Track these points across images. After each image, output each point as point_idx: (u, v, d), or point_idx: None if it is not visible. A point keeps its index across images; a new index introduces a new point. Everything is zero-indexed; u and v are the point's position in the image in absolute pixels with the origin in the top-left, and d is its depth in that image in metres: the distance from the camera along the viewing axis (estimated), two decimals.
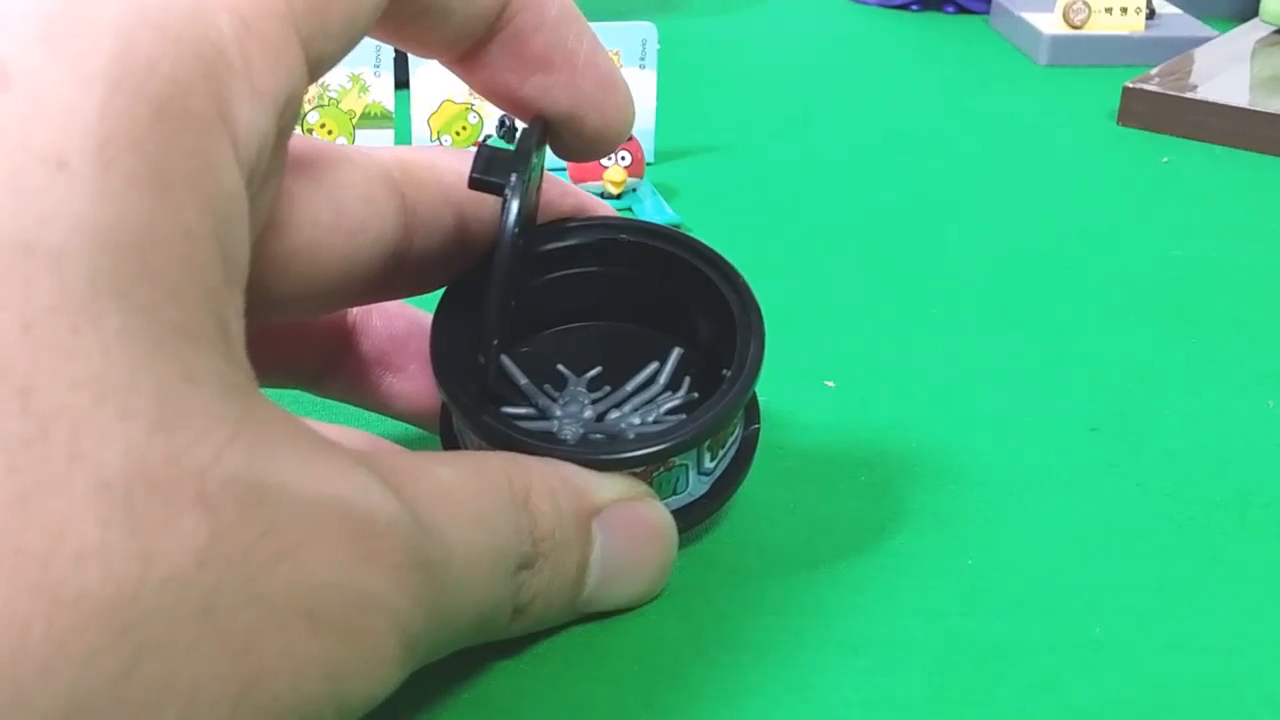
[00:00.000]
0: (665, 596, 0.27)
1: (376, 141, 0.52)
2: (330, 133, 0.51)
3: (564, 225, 0.28)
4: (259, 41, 0.19)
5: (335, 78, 0.51)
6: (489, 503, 0.22)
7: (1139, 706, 0.24)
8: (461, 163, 0.26)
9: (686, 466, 0.26)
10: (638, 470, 0.25)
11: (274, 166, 0.21)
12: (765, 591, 0.27)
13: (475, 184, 0.25)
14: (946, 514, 0.30)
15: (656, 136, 0.53)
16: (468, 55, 0.25)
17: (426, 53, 0.25)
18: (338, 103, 0.51)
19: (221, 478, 0.17)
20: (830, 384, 0.35)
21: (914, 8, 0.79)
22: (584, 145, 0.27)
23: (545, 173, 0.28)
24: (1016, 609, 0.27)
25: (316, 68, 0.21)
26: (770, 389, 0.35)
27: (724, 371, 0.26)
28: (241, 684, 0.17)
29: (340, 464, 0.19)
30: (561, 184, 0.29)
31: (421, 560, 0.20)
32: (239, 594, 0.17)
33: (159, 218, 0.17)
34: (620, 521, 0.25)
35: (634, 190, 0.49)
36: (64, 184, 0.16)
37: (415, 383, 0.30)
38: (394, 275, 0.26)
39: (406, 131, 0.51)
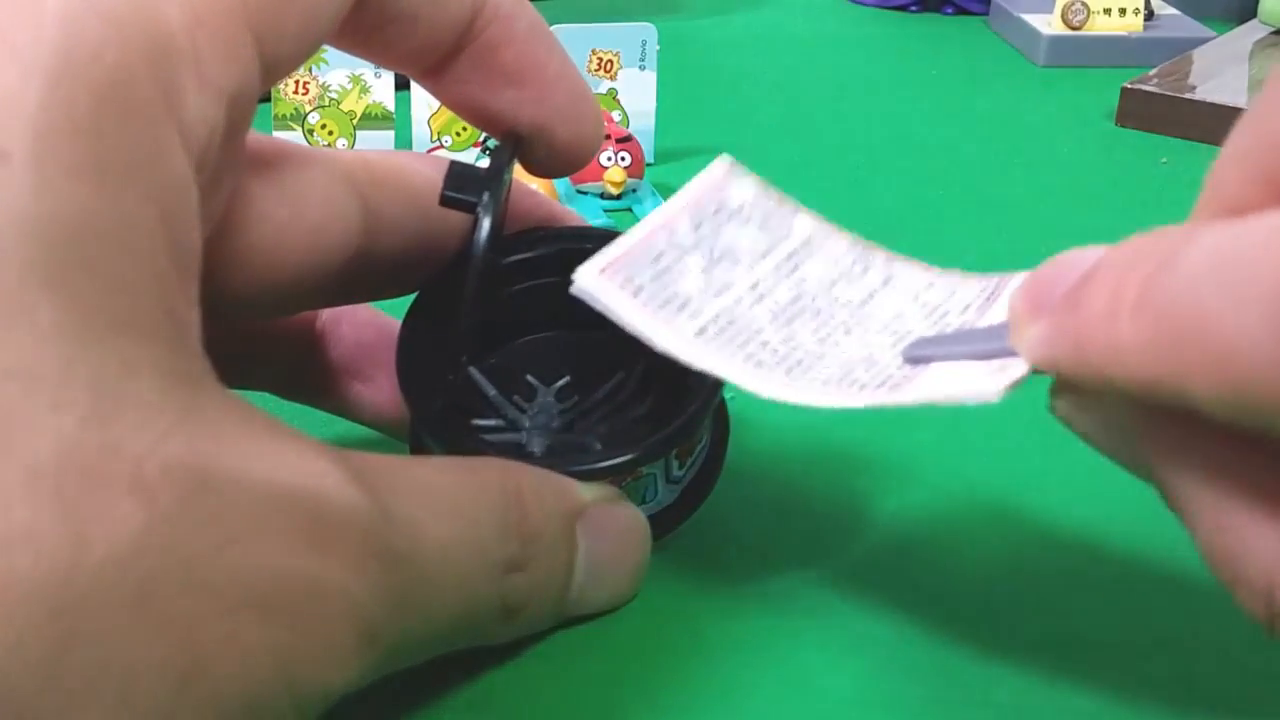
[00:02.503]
0: (665, 596, 0.27)
1: (377, 143, 0.52)
2: (331, 133, 0.51)
3: (532, 235, 0.28)
4: (209, 34, 0.19)
5: (336, 78, 0.51)
6: (473, 500, 0.22)
7: (1139, 706, 0.24)
8: (428, 167, 0.26)
9: (655, 475, 0.26)
10: (606, 480, 0.25)
11: (227, 161, 0.21)
12: (765, 591, 0.27)
13: (446, 201, 0.25)
14: (946, 514, 0.30)
15: (656, 136, 0.53)
16: (437, 69, 0.25)
17: (394, 64, 0.25)
18: (338, 103, 0.51)
19: (160, 465, 0.17)
20: None
21: (913, 8, 0.79)
22: (555, 159, 0.27)
23: (516, 181, 0.28)
24: (1016, 609, 0.27)
25: (272, 69, 0.21)
26: None
27: (689, 380, 0.26)
28: (182, 671, 0.17)
29: (298, 452, 0.19)
30: (533, 194, 0.29)
31: (384, 550, 0.20)
32: (179, 580, 0.17)
33: (99, 207, 0.17)
34: (600, 523, 0.25)
35: (634, 191, 0.49)
36: (1, 176, 0.16)
37: (383, 392, 0.30)
38: (357, 277, 0.26)
39: (407, 132, 0.51)
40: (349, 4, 0.22)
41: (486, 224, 0.24)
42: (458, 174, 0.25)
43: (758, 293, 0.25)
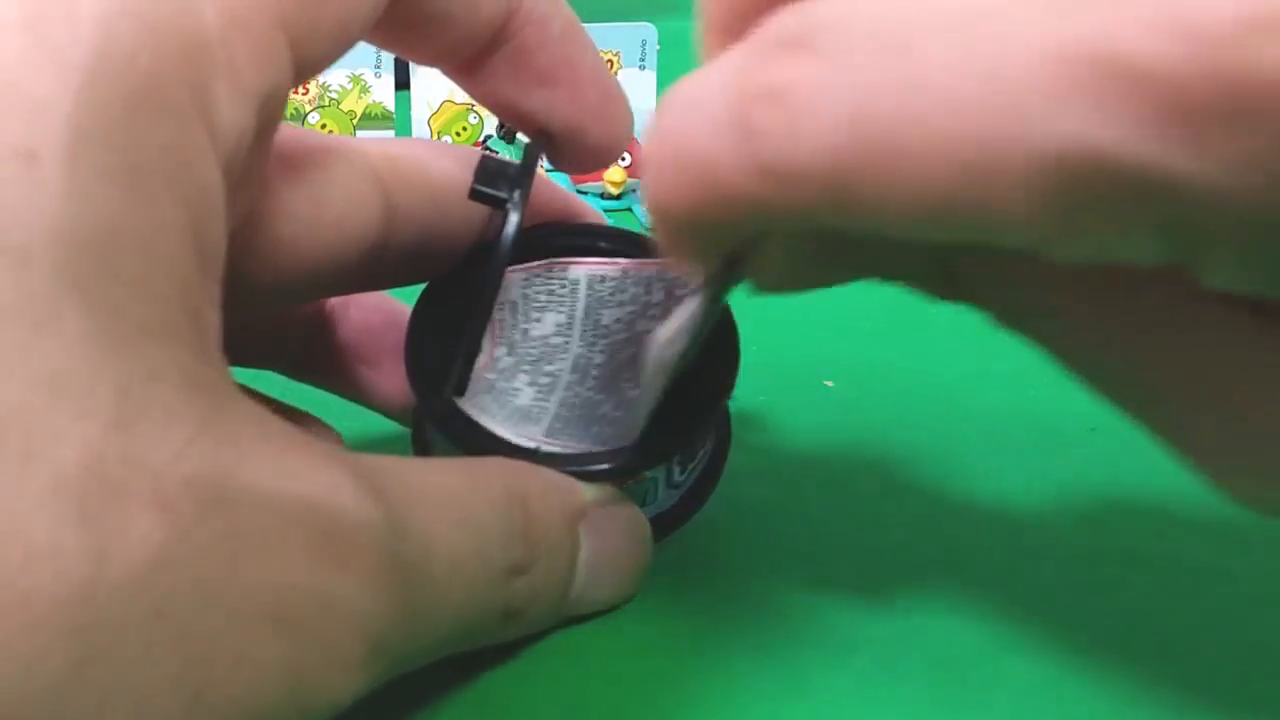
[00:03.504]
0: (664, 597, 0.27)
1: None
2: (330, 134, 0.51)
3: (547, 230, 0.28)
4: (245, 36, 0.19)
5: (336, 78, 0.51)
6: (478, 506, 0.22)
7: (1140, 707, 0.24)
8: (450, 160, 0.26)
9: (657, 480, 0.26)
10: (608, 481, 0.25)
11: (255, 160, 0.21)
12: (765, 591, 0.27)
13: (476, 195, 0.25)
14: (947, 514, 0.30)
15: None
16: (470, 66, 0.25)
17: (428, 61, 0.25)
18: (338, 103, 0.51)
19: (180, 478, 0.17)
20: (830, 384, 0.35)
21: None
22: (585, 158, 0.27)
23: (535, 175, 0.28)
24: (1016, 609, 0.27)
25: (305, 68, 0.21)
26: (770, 389, 0.35)
27: (695, 383, 0.26)
28: (194, 687, 0.17)
29: (314, 463, 0.19)
30: (551, 187, 0.29)
31: (395, 563, 0.20)
32: (196, 596, 0.17)
33: (129, 212, 0.17)
34: (601, 524, 0.25)
35: (634, 191, 0.49)
36: (33, 178, 0.16)
37: (390, 377, 0.30)
38: (374, 269, 0.26)
39: (407, 132, 0.51)
40: (383, 4, 0.22)
41: (515, 221, 0.24)
42: (489, 169, 0.25)
43: (580, 372, 0.26)
